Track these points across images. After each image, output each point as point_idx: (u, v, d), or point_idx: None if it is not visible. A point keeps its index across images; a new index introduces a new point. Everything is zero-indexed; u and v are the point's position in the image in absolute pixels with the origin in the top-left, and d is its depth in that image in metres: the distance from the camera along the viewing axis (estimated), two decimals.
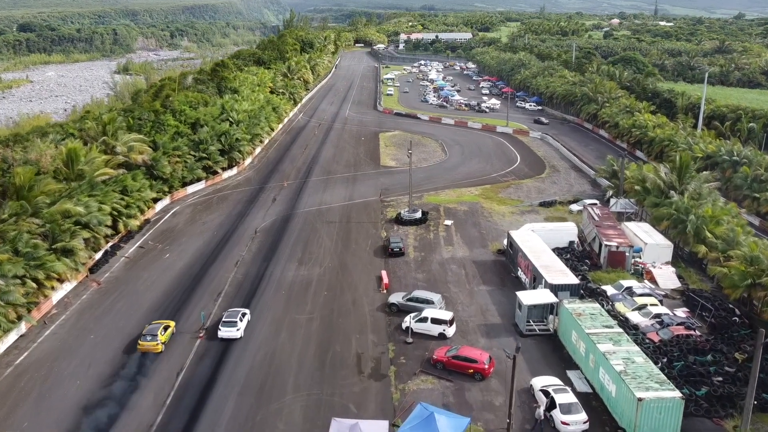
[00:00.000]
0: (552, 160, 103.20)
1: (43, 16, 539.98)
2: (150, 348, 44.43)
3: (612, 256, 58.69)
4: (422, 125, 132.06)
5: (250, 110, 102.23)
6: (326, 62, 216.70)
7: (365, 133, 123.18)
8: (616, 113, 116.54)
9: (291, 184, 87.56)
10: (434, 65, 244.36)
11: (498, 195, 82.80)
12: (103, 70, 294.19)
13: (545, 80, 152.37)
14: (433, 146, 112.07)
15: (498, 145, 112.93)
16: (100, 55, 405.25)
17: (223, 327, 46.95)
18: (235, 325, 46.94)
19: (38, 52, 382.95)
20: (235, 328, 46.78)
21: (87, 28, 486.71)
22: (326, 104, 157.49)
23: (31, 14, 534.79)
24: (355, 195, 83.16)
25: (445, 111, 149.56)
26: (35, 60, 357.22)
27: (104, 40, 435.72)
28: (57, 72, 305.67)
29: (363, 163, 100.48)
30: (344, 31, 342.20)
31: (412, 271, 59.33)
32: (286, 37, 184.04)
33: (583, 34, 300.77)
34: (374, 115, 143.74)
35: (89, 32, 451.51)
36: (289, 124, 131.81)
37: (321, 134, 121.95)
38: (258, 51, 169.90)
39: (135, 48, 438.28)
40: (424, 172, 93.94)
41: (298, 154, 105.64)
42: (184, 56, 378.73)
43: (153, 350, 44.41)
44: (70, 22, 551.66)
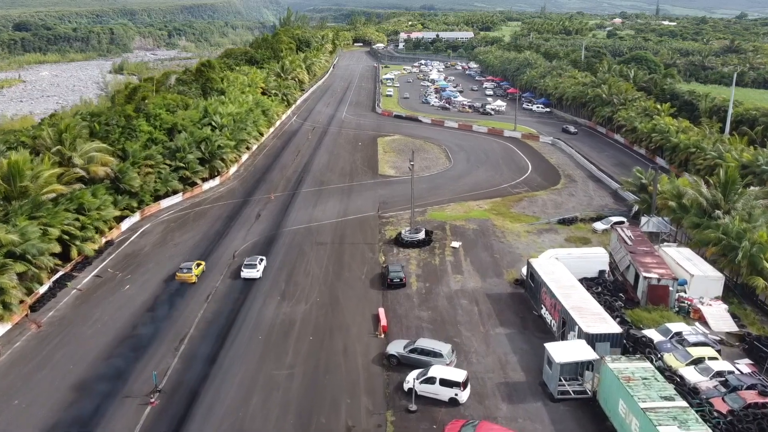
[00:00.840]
0: (566, 168, 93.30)
1: (41, 16, 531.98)
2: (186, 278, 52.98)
3: (653, 291, 48.85)
4: (424, 129, 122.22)
5: (236, 113, 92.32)
6: (323, 62, 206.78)
7: (363, 137, 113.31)
8: (634, 117, 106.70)
9: (279, 197, 77.73)
10: (435, 65, 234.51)
11: (510, 210, 72.92)
12: (98, 70, 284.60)
13: (554, 81, 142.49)
14: (436, 152, 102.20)
15: (506, 151, 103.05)
16: (97, 54, 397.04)
17: (245, 269, 54.29)
18: (255, 267, 54.31)
19: (34, 51, 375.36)
20: (255, 270, 54.11)
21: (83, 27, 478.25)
22: (322, 106, 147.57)
23: (28, 13, 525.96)
24: (350, 210, 73.32)
25: (447, 113, 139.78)
26: (30, 59, 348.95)
27: (101, 39, 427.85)
28: (51, 72, 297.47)
29: (359, 171, 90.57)
30: (343, 31, 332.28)
31: (414, 307, 49.50)
32: (281, 36, 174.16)
33: (587, 34, 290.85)
34: (372, 118, 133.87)
35: (86, 31, 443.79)
36: (281, 127, 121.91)
37: (315, 139, 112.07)
38: (251, 50, 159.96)
39: (132, 48, 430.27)
40: (427, 182, 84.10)
41: (289, 161, 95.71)
42: (182, 56, 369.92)
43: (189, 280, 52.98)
44: (67, 21, 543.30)
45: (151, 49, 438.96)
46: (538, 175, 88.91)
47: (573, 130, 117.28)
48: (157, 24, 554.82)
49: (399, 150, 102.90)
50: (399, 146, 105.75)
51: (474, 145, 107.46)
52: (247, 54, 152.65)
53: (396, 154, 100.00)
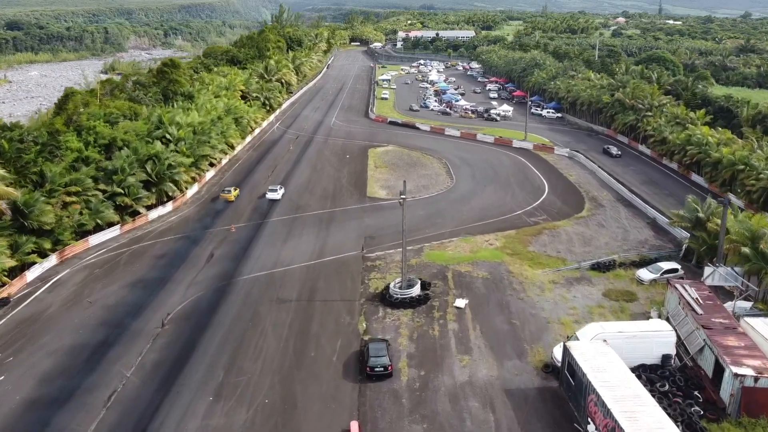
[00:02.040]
0: (590, 188, 77.49)
1: (36, 15, 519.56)
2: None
3: (750, 395, 33.14)
4: (422, 137, 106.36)
5: (199, 123, 76.52)
6: (315, 62, 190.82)
7: (352, 148, 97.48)
8: (663, 125, 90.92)
9: (243, 228, 62.09)
10: (435, 65, 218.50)
11: (528, 248, 57.14)
12: (90, 70, 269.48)
13: (565, 83, 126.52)
14: (436, 167, 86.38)
15: (517, 166, 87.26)
16: (90, 54, 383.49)
17: (269, 192, 70.97)
18: (276, 192, 70.97)
19: (25, 50, 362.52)
20: (275, 193, 70.71)
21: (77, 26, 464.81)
22: (310, 110, 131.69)
23: (23, 12, 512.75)
24: (327, 247, 57.60)
25: (448, 119, 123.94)
26: (20, 59, 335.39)
27: (95, 38, 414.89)
28: (40, 71, 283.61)
29: (344, 192, 74.80)
30: (340, 29, 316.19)
31: (404, 416, 33.84)
32: (268, 34, 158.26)
33: (593, 33, 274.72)
34: (365, 124, 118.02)
35: (79, 30, 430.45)
36: (260, 136, 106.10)
37: (297, 150, 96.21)
38: (233, 49, 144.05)
39: (127, 47, 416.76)
40: (424, 207, 68.42)
41: (261, 179, 79.91)
42: (177, 55, 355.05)
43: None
44: (63, 20, 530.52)
45: (146, 49, 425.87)
46: (557, 197, 73.12)
47: (615, 153, 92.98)
48: (153, 23, 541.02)
49: (392, 164, 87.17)
50: (393, 159, 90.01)
51: (479, 158, 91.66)
52: (229, 53, 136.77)
53: (389, 170, 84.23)
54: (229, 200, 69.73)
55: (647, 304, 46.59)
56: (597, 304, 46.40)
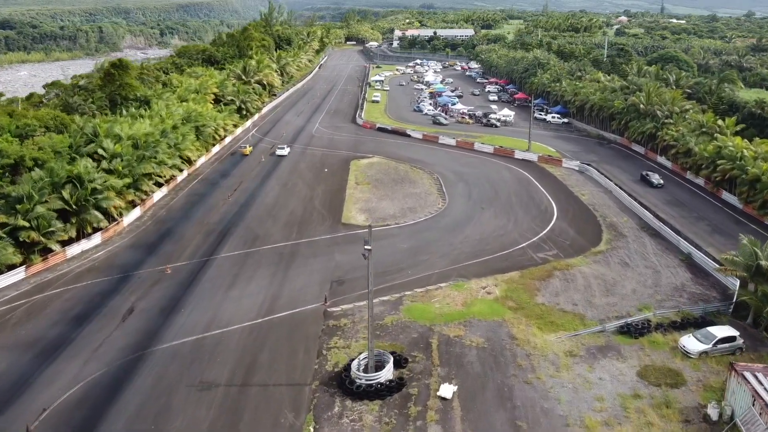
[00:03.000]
0: (606, 211, 64.71)
1: (32, 14, 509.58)
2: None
3: None
4: (412, 147, 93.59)
5: (144, 135, 63.78)
6: (305, 62, 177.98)
7: (332, 160, 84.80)
8: (687, 135, 78.17)
9: (182, 267, 49.49)
10: (432, 65, 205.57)
11: (535, 299, 44.45)
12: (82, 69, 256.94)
13: (572, 85, 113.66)
14: (426, 184, 73.66)
15: (520, 182, 74.52)
16: (84, 53, 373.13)
17: (278, 150, 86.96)
18: (285, 149, 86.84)
19: (18, 50, 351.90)
20: (283, 150, 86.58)
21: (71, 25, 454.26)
22: (293, 115, 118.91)
23: (19, 12, 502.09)
24: (281, 297, 44.94)
25: (443, 125, 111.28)
26: (12, 59, 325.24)
27: (89, 38, 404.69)
28: (30, 71, 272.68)
29: (315, 218, 62.06)
30: (335, 28, 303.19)
31: None
32: (251, 32, 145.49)
33: (596, 31, 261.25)
34: (351, 131, 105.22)
35: (73, 30, 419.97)
36: (231, 145, 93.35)
37: (269, 162, 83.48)
38: (210, 47, 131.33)
39: (122, 46, 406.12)
40: (408, 238, 55.84)
41: (219, 200, 67.18)
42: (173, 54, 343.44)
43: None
44: (59, 19, 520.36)
45: (142, 48, 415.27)
46: (568, 224, 60.36)
47: (657, 182, 72.95)
48: (150, 23, 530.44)
49: (376, 181, 74.44)
50: (377, 174, 77.31)
51: (477, 172, 78.95)
52: (206, 52, 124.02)
53: (371, 188, 71.49)
54: (245, 154, 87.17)
55: (700, 391, 33.91)
56: (632, 391, 33.73)
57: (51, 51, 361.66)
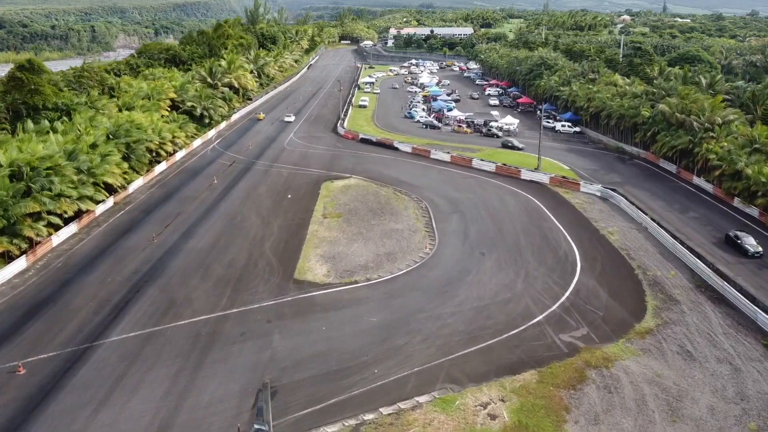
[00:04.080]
0: (645, 258, 48.39)
1: (26, 13, 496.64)
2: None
3: None
4: (399, 164, 77.40)
5: (37, 161, 47.38)
6: (290, 62, 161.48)
7: (299, 181, 68.55)
8: (735, 152, 61.91)
9: (41, 366, 33.33)
10: (428, 65, 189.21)
11: (565, 426, 28.32)
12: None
13: (584, 89, 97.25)
14: (412, 217, 57.39)
15: (530, 215, 58.18)
16: (75, 53, 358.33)
17: (285, 117, 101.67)
18: (291, 117, 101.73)
19: (7, 50, 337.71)
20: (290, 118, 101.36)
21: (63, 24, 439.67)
22: (265, 123, 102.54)
23: (13, 11, 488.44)
24: (173, 427, 28.77)
25: (437, 134, 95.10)
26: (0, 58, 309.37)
27: (81, 37, 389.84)
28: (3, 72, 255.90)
29: (260, 270, 45.75)
30: (329, 26, 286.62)
31: None
32: (226, 29, 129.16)
33: (602, 30, 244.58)
34: (329, 143, 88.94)
35: (65, 29, 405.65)
36: (181, 163, 77.08)
37: (222, 185, 67.20)
38: (175, 46, 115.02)
39: (115, 46, 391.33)
40: (380, 306, 39.71)
41: (143, 241, 50.89)
42: None
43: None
44: (54, 19, 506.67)
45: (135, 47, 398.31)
46: (597, 279, 44.12)
47: (754, 249, 48.21)
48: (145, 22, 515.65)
49: (350, 212, 58.23)
50: (352, 202, 61.09)
51: (475, 198, 62.69)
52: (170, 51, 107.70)
53: (341, 223, 55.28)
54: (259, 119, 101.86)
55: None
56: None
57: (41, 51, 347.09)
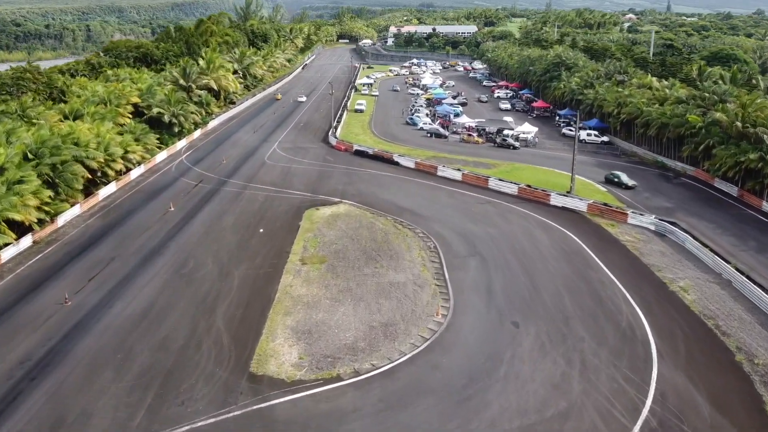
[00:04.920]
0: (741, 332, 34.18)
1: (22, 12, 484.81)
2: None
3: None
4: (400, 183, 63.25)
5: None
6: (282, 61, 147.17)
7: (277, 209, 54.33)
8: None
9: None
10: (430, 65, 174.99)
11: None
12: None
13: (613, 92, 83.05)
14: (417, 261, 43.22)
15: (570, 259, 43.90)
16: (69, 52, 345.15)
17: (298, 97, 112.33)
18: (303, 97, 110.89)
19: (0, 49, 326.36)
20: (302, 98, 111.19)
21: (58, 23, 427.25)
22: (247, 131, 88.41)
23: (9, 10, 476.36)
24: None
25: (444, 144, 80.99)
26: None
27: (75, 36, 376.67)
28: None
29: (200, 359, 31.48)
30: (326, 25, 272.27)
31: None
32: (209, 26, 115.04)
33: (611, 28, 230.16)
34: (318, 156, 74.78)
35: (59, 28, 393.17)
36: (137, 182, 62.93)
37: (179, 215, 52.97)
38: (147, 43, 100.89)
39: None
40: (371, 427, 25.56)
41: (47, 306, 36.80)
42: None
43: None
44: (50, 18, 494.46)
45: None
46: (685, 374, 29.97)
47: None
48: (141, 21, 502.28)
49: (336, 254, 44.08)
50: (341, 239, 46.93)
51: (497, 234, 48.52)
52: (141, 49, 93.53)
53: (324, 274, 41.07)
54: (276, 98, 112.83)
55: None
56: None
57: (34, 50, 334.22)
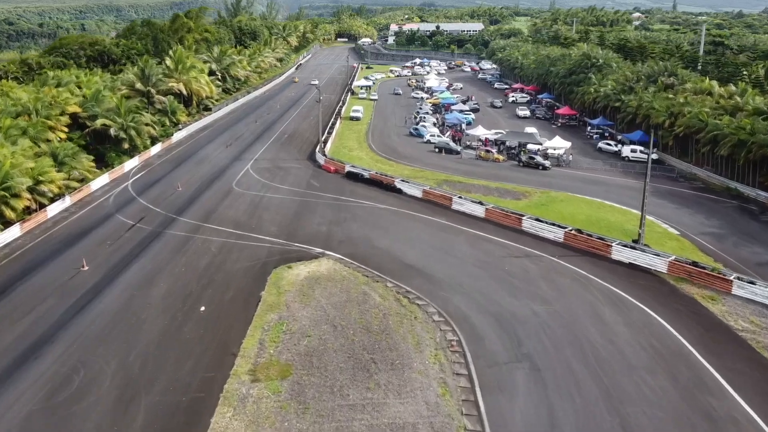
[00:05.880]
0: None
1: (19, 12, 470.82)
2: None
3: None
4: (402, 223, 46.84)
5: None
6: (271, 61, 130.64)
7: (232, 266, 37.98)
8: None
9: None
10: (434, 65, 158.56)
11: None
12: None
13: (662, 100, 66.64)
14: (431, 375, 27.00)
15: (671, 373, 27.47)
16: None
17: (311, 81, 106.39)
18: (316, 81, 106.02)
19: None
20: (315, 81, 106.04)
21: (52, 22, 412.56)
22: (218, 146, 71.95)
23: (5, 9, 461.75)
24: None
25: (455, 162, 64.57)
26: None
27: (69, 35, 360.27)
28: None
29: None
30: (324, 23, 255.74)
31: None
32: (184, 21, 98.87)
33: (625, 25, 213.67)
34: (300, 180, 58.27)
35: (53, 27, 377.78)
36: (55, 223, 46.66)
37: (90, 280, 36.84)
38: (104, 39, 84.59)
39: None
40: None
41: None
42: None
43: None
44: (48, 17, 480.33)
45: None
46: None
47: None
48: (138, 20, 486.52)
49: (309, 363, 27.77)
50: (316, 327, 30.64)
51: (549, 316, 32.13)
52: (95, 46, 77.25)
53: (284, 406, 24.86)
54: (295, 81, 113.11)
55: None
56: None
57: (27, 49, 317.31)
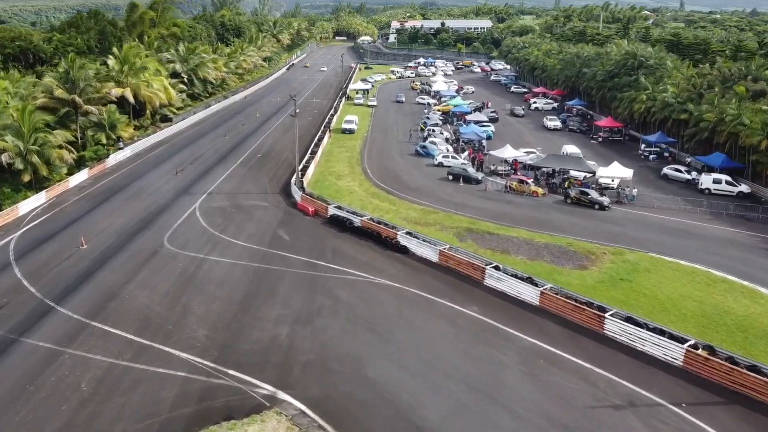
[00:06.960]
0: None
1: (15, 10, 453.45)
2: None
3: None
4: (409, 325, 28.55)
5: None
6: (255, 62, 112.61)
7: (108, 427, 20.31)
8: None
9: None
10: (439, 65, 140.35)
11: None
12: None
13: (758, 113, 48.53)
14: None
15: None
16: None
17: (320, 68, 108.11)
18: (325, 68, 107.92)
19: None
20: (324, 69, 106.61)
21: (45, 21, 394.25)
22: (163, 174, 53.83)
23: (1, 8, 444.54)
24: None
25: (478, 195, 46.50)
26: None
27: None
28: None
29: None
30: (322, 21, 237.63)
31: None
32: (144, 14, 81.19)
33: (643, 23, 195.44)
34: (264, 227, 40.26)
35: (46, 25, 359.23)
36: None
37: None
38: (31, 33, 66.59)
39: None
40: None
41: None
42: None
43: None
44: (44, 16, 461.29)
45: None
46: None
47: None
48: None
49: None
50: None
51: None
52: (18, 42, 59.23)
53: None
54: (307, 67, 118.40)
55: None
56: None
57: None
